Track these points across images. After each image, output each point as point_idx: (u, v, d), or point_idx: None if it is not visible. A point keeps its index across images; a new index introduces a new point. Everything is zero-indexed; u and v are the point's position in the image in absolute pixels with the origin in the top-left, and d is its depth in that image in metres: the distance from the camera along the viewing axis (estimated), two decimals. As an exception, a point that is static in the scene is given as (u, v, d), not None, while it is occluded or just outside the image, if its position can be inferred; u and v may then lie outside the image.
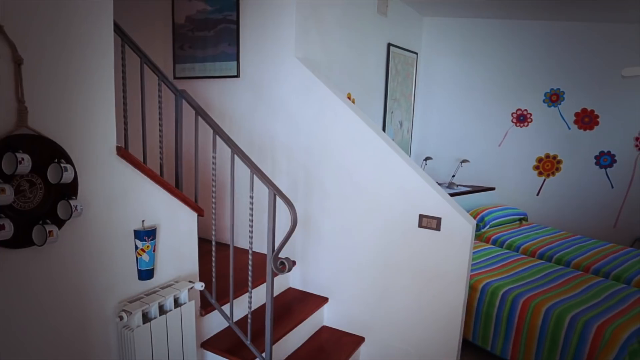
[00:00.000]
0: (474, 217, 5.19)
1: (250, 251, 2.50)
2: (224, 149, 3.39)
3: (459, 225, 2.78)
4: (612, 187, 5.70)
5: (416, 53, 5.50)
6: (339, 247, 3.23)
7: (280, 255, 2.38)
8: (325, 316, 3.38)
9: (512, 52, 5.66)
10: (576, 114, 5.62)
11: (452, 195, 5.23)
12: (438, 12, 5.52)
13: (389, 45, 4.65)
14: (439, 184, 5.54)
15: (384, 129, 4.73)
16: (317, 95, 3.14)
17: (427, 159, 5.53)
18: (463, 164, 5.59)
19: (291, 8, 3.16)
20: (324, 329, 3.35)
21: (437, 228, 2.83)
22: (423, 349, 3.03)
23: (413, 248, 2.93)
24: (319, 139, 3.18)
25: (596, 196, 5.74)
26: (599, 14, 4.98)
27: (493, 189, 5.80)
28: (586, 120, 5.60)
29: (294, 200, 3.32)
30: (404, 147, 5.41)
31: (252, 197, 2.46)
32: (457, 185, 5.59)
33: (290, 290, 3.45)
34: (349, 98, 4.01)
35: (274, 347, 2.82)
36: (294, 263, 3.40)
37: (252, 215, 2.47)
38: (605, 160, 5.63)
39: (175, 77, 3.73)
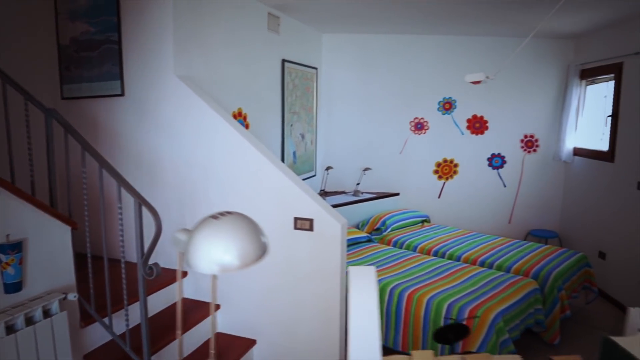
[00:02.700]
0: (376, 222, 5.46)
1: (122, 261, 2.60)
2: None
3: (329, 225, 2.99)
4: (505, 186, 6.13)
5: (316, 68, 5.76)
6: (226, 254, 3.36)
7: (150, 262, 2.49)
8: (219, 322, 3.49)
9: (408, 64, 6.02)
10: (468, 120, 6.02)
11: (357, 202, 5.49)
12: (336, 29, 5.81)
13: (284, 61, 4.86)
14: (346, 193, 5.79)
15: (282, 142, 4.92)
16: (197, 111, 3.29)
17: (328, 168, 5.77)
18: (365, 171, 5.86)
19: (168, 29, 3.30)
20: (218, 335, 3.46)
21: (310, 229, 3.03)
22: (309, 345, 3.19)
23: (291, 249, 3.11)
24: (202, 152, 3.33)
25: (491, 195, 6.15)
26: (477, 29, 5.40)
27: (397, 194, 6.10)
28: (477, 125, 6.01)
29: (182, 212, 3.44)
30: (308, 159, 5.63)
31: (120, 208, 2.56)
32: (362, 193, 5.85)
33: (183, 300, 3.54)
34: (240, 113, 4.17)
35: (162, 352, 2.92)
36: (185, 274, 3.52)
37: (122, 226, 2.58)
38: (496, 161, 6.05)
39: (63, 98, 3.77)
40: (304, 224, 3.03)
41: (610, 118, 5.27)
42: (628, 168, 4.90)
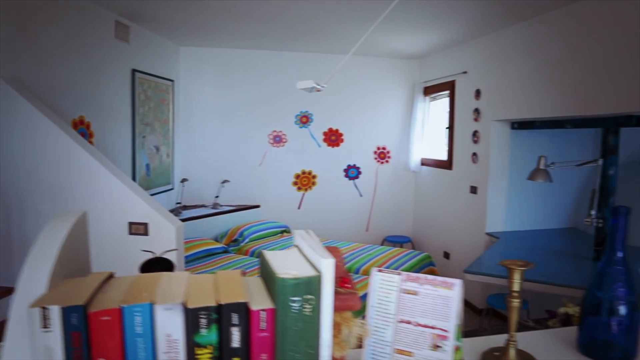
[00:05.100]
0: (234, 234, 5.49)
1: None
2: None
3: (164, 228, 2.98)
4: (361, 195, 6.46)
5: (172, 80, 5.72)
6: (59, 265, 3.20)
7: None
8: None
9: (266, 79, 6.17)
10: (324, 133, 6.30)
11: (216, 214, 5.49)
12: (194, 43, 5.83)
13: (134, 71, 4.78)
14: (205, 206, 5.77)
15: (133, 153, 4.80)
16: (25, 115, 3.13)
17: (183, 180, 5.70)
18: (224, 184, 5.89)
19: (-9, 28, 3.13)
20: None
21: (145, 233, 3.00)
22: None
23: (126, 256, 3.04)
24: (30, 159, 3.16)
25: (349, 205, 6.45)
26: (329, 47, 5.70)
27: (258, 206, 6.18)
28: (333, 138, 6.30)
29: (8, 222, 3.24)
30: (164, 171, 5.54)
31: None
32: (222, 206, 5.86)
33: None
34: (82, 121, 4.03)
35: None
36: (10, 290, 3.28)
37: None
38: (352, 172, 6.37)
39: None
40: (138, 229, 2.99)
41: (447, 130, 5.80)
42: (463, 174, 5.42)
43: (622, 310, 1.03)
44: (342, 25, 4.77)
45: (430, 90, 6.24)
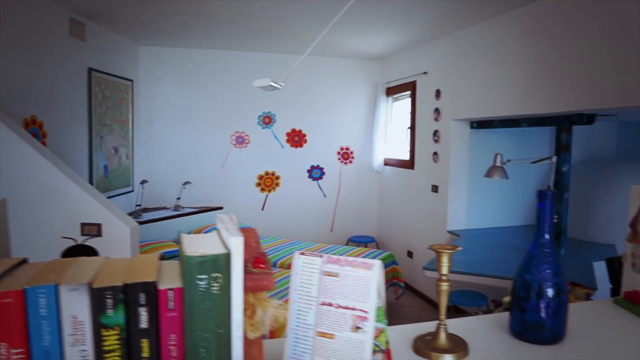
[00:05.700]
0: (196, 234, 5.42)
1: None
2: None
3: (118, 229, 2.92)
4: (325, 196, 6.47)
5: (131, 80, 5.62)
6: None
7: None
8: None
9: (228, 79, 6.13)
10: (287, 134, 6.29)
11: (178, 216, 5.42)
12: (153, 42, 5.74)
13: (90, 69, 4.68)
14: (167, 208, 5.69)
15: (90, 155, 4.69)
16: (-28, 113, 3.04)
17: (143, 182, 5.59)
18: (185, 185, 5.80)
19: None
20: None
21: (99, 234, 2.93)
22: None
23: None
24: (-22, 158, 3.07)
25: (313, 205, 6.45)
26: (291, 48, 5.69)
27: (221, 208, 6.12)
28: (296, 139, 6.30)
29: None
30: (123, 173, 5.44)
31: None
32: (184, 208, 5.78)
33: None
34: (35, 121, 3.92)
35: None
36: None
37: None
38: (316, 173, 6.38)
39: None
40: (91, 229, 2.93)
41: (409, 130, 5.87)
42: (424, 173, 5.49)
43: (549, 292, 1.06)
44: (303, 26, 4.78)
45: (392, 91, 6.31)
